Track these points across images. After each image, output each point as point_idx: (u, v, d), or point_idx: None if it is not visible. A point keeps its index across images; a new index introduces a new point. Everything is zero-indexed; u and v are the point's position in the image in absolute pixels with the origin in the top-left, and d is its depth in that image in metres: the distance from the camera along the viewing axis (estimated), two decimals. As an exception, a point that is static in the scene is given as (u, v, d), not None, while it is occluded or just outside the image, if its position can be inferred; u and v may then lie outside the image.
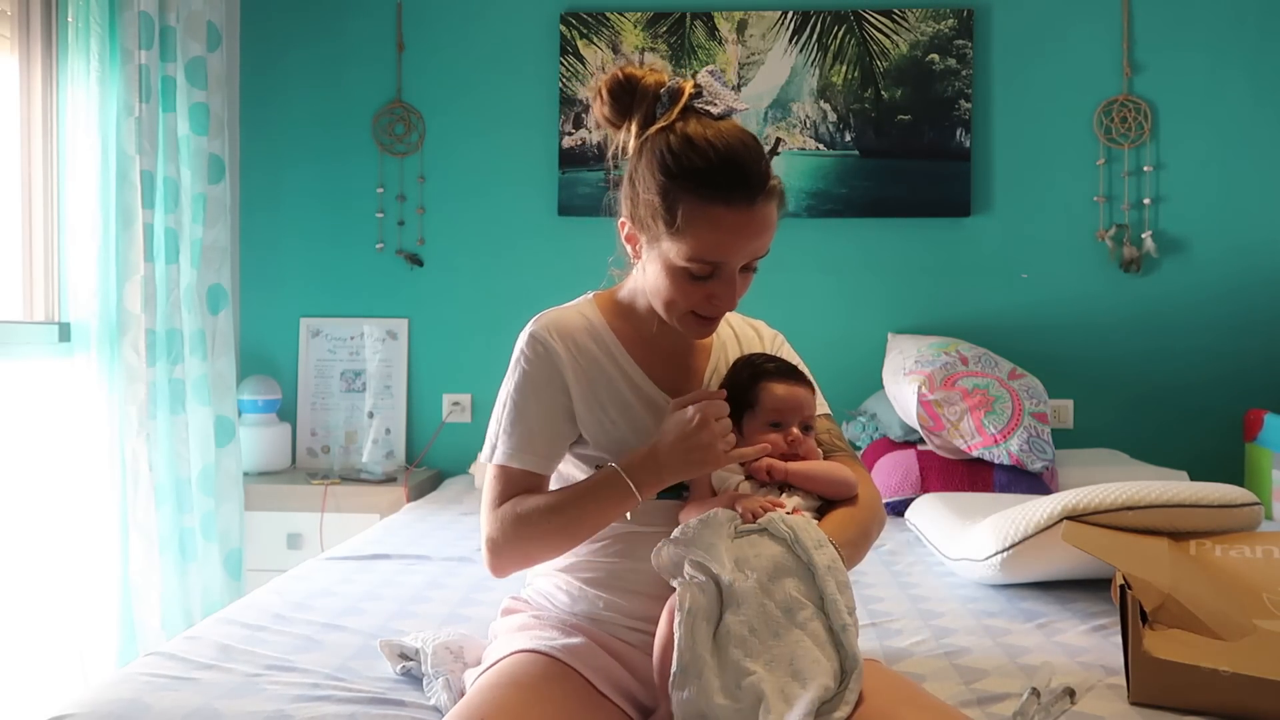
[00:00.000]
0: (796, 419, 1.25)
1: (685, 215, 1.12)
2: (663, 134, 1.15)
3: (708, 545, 1.08)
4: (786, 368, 1.29)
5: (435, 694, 1.20)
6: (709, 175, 1.11)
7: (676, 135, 1.14)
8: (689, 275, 1.15)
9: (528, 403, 1.23)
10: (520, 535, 1.19)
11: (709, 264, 1.14)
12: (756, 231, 1.14)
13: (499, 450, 1.23)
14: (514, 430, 1.23)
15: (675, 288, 1.17)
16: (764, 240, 1.16)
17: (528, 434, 1.23)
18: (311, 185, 3.12)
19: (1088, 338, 2.98)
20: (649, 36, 3.02)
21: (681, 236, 1.13)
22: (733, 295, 1.17)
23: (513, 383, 1.25)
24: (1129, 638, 1.22)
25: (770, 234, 1.17)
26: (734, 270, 1.16)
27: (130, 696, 1.19)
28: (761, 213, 1.14)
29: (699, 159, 1.12)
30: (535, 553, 1.22)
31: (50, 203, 2.43)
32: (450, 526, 2.29)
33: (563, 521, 1.17)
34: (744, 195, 1.12)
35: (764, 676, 1.00)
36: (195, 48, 2.65)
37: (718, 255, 1.14)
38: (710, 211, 1.11)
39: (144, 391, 2.43)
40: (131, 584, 2.41)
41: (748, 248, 1.15)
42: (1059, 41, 2.98)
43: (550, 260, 3.00)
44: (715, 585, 1.06)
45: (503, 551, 1.21)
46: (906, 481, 2.42)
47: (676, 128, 1.15)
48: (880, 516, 1.28)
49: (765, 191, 1.14)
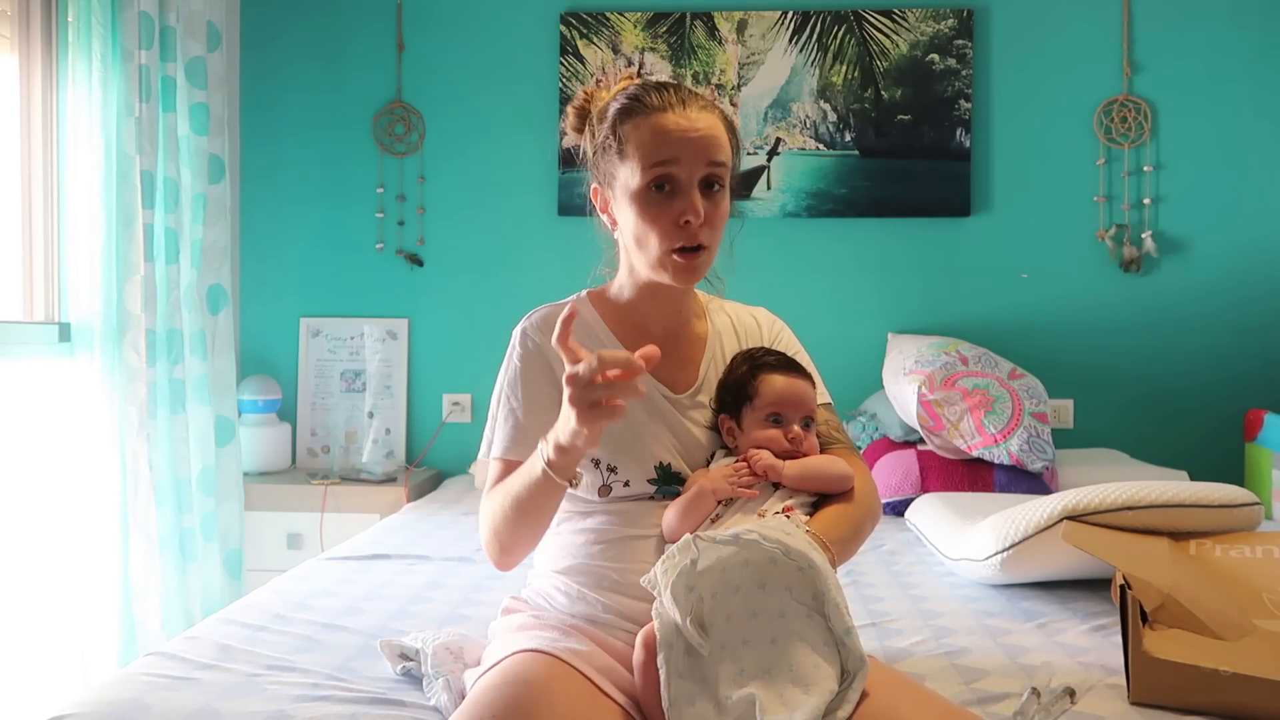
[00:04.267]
0: (797, 414, 1.24)
1: (630, 133, 1.20)
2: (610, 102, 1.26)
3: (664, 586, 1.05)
4: (786, 361, 1.28)
5: (435, 695, 1.20)
6: (642, 95, 1.22)
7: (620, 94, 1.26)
8: (650, 196, 1.19)
9: (519, 397, 1.26)
10: (497, 528, 1.21)
11: (663, 169, 1.18)
12: (699, 132, 1.19)
13: (494, 445, 1.27)
14: (506, 425, 1.26)
15: (646, 219, 1.20)
16: (712, 145, 1.19)
17: (519, 428, 1.25)
18: (312, 185, 3.12)
19: (1088, 338, 2.98)
20: (649, 36, 3.02)
21: (632, 155, 1.20)
22: (698, 207, 1.17)
23: (505, 378, 1.29)
24: (1129, 638, 1.22)
25: (720, 143, 1.20)
26: (692, 179, 1.18)
27: (130, 696, 1.19)
28: (699, 116, 1.19)
29: (634, 89, 1.24)
30: (513, 542, 1.22)
31: (50, 203, 2.44)
32: (450, 526, 2.29)
33: (518, 514, 1.18)
34: (677, 101, 1.20)
35: (758, 687, 1.00)
36: (195, 48, 2.65)
37: (665, 153, 1.17)
38: (649, 120, 1.19)
39: (144, 391, 2.44)
40: (132, 584, 2.41)
41: (694, 147, 1.18)
42: (1059, 41, 2.98)
43: (550, 260, 2.99)
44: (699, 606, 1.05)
45: (489, 544, 1.24)
46: (906, 481, 2.42)
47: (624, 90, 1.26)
48: (875, 511, 1.28)
49: (701, 103, 1.21)
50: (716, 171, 1.20)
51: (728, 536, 1.07)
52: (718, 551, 1.06)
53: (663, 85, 1.23)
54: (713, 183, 1.20)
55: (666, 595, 1.05)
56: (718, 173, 1.20)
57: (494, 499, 1.22)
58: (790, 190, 2.98)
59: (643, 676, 1.08)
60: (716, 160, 1.19)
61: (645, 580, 1.09)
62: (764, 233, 2.96)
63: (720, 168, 1.20)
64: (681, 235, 1.19)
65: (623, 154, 1.21)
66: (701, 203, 1.18)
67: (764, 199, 2.98)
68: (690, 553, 1.06)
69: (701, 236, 1.19)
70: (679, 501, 1.20)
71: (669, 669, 1.03)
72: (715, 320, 1.36)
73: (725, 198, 1.23)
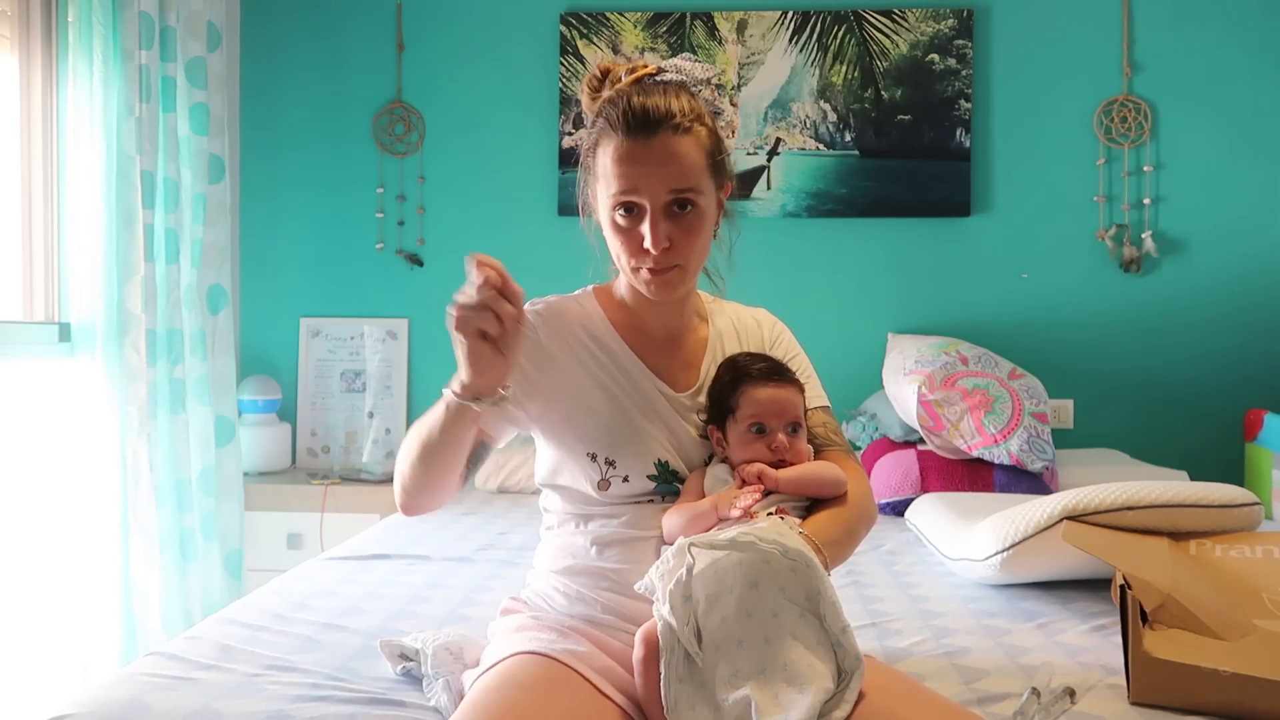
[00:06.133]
0: (780, 422, 1.22)
1: (599, 158, 1.21)
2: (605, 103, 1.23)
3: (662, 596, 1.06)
4: (769, 369, 1.26)
5: (435, 695, 1.20)
6: (615, 120, 1.19)
7: (611, 99, 1.22)
8: (617, 220, 1.20)
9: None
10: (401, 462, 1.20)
11: (625, 198, 1.18)
12: (658, 160, 1.17)
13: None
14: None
15: (616, 239, 1.22)
16: (674, 174, 1.18)
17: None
18: (311, 185, 3.12)
19: (1088, 338, 2.98)
20: (649, 36, 3.02)
21: (600, 180, 1.21)
22: (657, 236, 1.17)
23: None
24: (1129, 638, 1.22)
25: (683, 170, 1.18)
26: (654, 206, 1.18)
27: (130, 696, 1.19)
28: (662, 144, 1.17)
29: (611, 109, 1.21)
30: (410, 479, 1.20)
31: (50, 203, 2.44)
32: (450, 526, 2.29)
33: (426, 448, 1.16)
34: (641, 130, 1.17)
35: (753, 687, 1.00)
36: (195, 48, 2.65)
37: (625, 185, 1.18)
38: (612, 147, 1.19)
39: (144, 391, 2.44)
40: (132, 584, 2.41)
41: (653, 178, 1.17)
42: (1059, 41, 2.99)
43: (550, 259, 2.96)
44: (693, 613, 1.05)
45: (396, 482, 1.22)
46: (906, 481, 2.42)
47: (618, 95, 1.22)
48: (869, 514, 1.27)
49: (671, 124, 1.18)
50: (682, 196, 1.19)
51: (724, 540, 1.07)
52: (712, 555, 1.06)
53: (637, 110, 1.18)
54: (684, 204, 1.19)
55: (665, 606, 1.05)
56: (685, 197, 1.19)
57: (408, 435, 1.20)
58: (790, 190, 2.98)
59: (643, 675, 1.08)
60: (680, 188, 1.18)
61: (641, 586, 1.09)
62: (764, 233, 2.96)
63: (687, 192, 1.19)
64: (648, 258, 1.20)
65: (595, 176, 1.24)
66: (666, 227, 1.18)
67: (764, 199, 2.98)
68: (685, 560, 1.06)
69: (668, 258, 1.20)
70: (684, 509, 1.19)
71: (669, 672, 1.03)
72: (716, 321, 1.36)
73: (700, 215, 1.21)
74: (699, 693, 1.03)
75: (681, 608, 1.04)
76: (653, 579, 1.08)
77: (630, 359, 1.27)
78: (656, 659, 1.05)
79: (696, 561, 1.06)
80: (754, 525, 1.10)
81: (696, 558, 1.06)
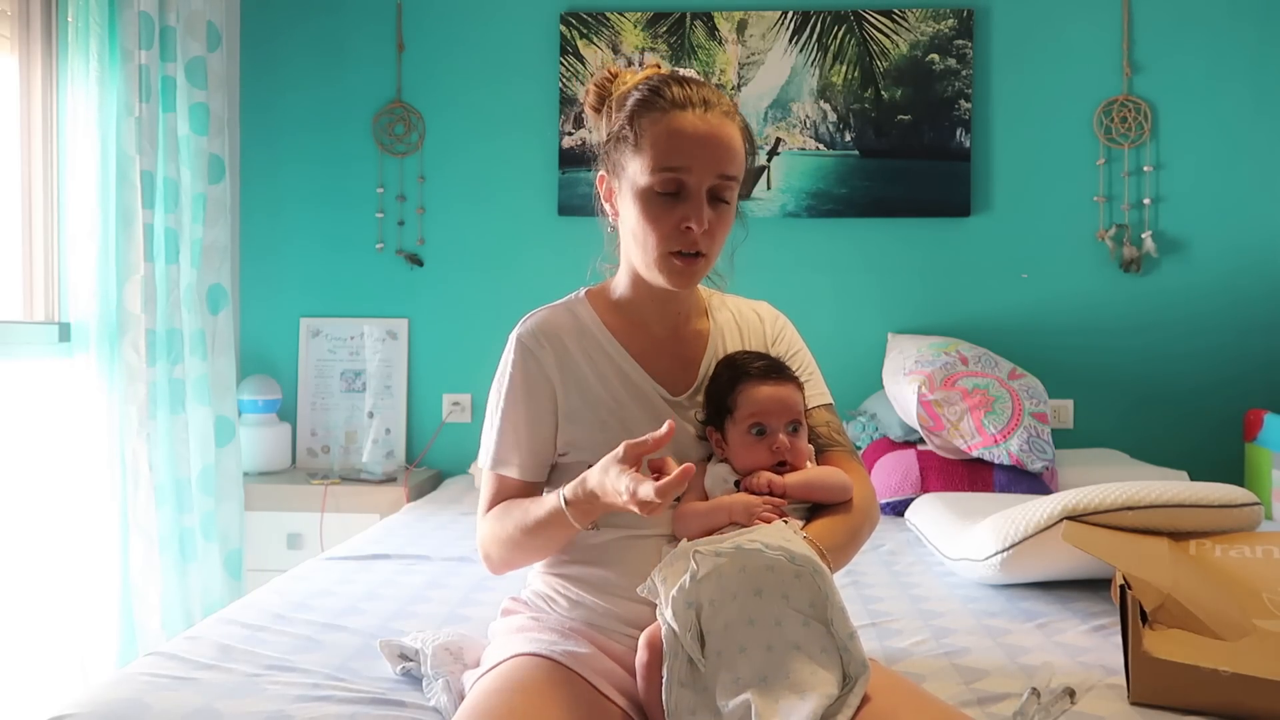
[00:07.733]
0: (780, 422, 1.20)
1: (646, 128, 1.18)
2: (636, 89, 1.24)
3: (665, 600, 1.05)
4: (767, 368, 1.24)
5: (435, 695, 1.20)
6: (663, 89, 1.19)
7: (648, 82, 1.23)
8: (656, 195, 1.18)
9: (515, 409, 1.26)
10: (500, 550, 1.25)
11: (673, 174, 1.16)
12: (716, 142, 1.17)
13: (490, 457, 1.28)
14: (502, 438, 1.26)
15: (648, 217, 1.18)
16: (726, 156, 1.17)
17: (515, 442, 1.25)
18: (311, 185, 3.12)
19: (1088, 338, 2.98)
20: (649, 36, 3.02)
21: (644, 151, 1.17)
22: (701, 216, 1.16)
23: (501, 389, 1.28)
24: (1129, 638, 1.22)
25: (734, 156, 1.18)
26: (700, 187, 1.17)
27: (130, 696, 1.19)
28: (719, 124, 1.17)
29: (658, 81, 1.21)
30: (517, 563, 1.28)
31: (50, 203, 2.43)
32: (450, 526, 2.29)
33: (528, 542, 1.22)
34: (699, 103, 1.17)
35: (755, 694, 1.00)
36: (195, 48, 2.65)
37: (678, 159, 1.16)
38: (667, 118, 1.17)
39: (144, 391, 2.43)
40: (132, 584, 2.41)
41: (707, 157, 1.16)
42: (1059, 41, 2.99)
43: (550, 260, 2.99)
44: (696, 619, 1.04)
45: (491, 559, 1.28)
46: (906, 481, 2.42)
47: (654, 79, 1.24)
48: (873, 517, 1.26)
49: (723, 109, 1.19)
50: (726, 184, 1.18)
51: (729, 547, 1.05)
52: (716, 560, 1.05)
53: (687, 80, 1.20)
54: (722, 194, 1.19)
55: (668, 611, 1.04)
56: (727, 185, 1.18)
57: (503, 522, 1.23)
58: (790, 190, 2.98)
59: (645, 679, 1.07)
60: (728, 174, 1.17)
61: (643, 589, 1.09)
62: (764, 233, 2.96)
63: (730, 181, 1.18)
64: (682, 240, 1.17)
65: (636, 147, 1.18)
66: (706, 212, 1.17)
67: (764, 199, 2.98)
68: (689, 565, 1.05)
69: (702, 244, 1.18)
70: (699, 507, 1.17)
71: (671, 677, 1.03)
72: (717, 317, 1.34)
73: (730, 212, 1.21)
74: (700, 697, 1.03)
75: (684, 613, 1.04)
76: (654, 581, 1.07)
77: (628, 363, 1.26)
78: (659, 663, 1.04)
79: (700, 567, 1.05)
80: (760, 530, 1.09)
81: (700, 563, 1.05)
